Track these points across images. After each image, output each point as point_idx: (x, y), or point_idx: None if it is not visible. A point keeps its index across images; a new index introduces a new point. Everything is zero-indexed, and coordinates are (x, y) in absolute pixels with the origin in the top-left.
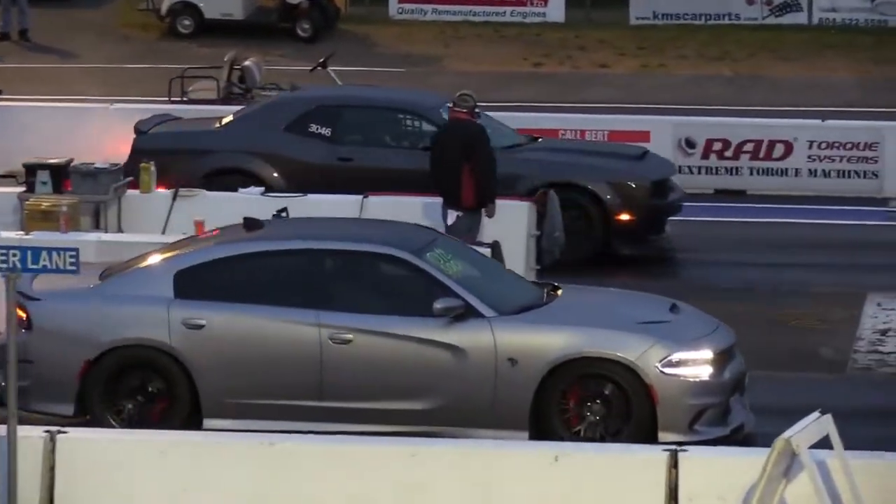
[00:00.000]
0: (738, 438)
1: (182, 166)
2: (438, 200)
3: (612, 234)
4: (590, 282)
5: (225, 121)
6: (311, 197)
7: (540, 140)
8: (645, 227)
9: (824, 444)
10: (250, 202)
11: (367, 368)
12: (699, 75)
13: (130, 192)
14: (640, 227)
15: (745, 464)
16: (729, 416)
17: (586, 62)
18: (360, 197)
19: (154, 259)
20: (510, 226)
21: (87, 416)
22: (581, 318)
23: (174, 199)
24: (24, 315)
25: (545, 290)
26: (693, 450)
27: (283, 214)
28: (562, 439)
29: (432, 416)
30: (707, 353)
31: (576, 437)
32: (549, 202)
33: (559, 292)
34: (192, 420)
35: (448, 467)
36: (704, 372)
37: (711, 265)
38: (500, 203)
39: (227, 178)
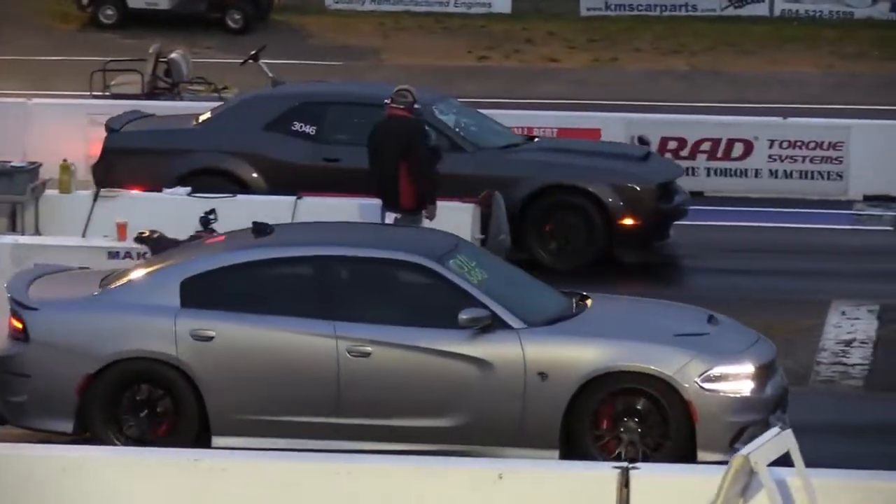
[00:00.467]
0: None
1: (156, 167)
2: (377, 202)
3: (614, 240)
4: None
5: (202, 118)
6: (241, 198)
7: (537, 139)
8: (650, 233)
9: (785, 461)
10: (176, 203)
11: (387, 383)
12: (654, 70)
13: (49, 192)
14: (644, 233)
15: (701, 482)
16: None
17: (534, 56)
18: (294, 198)
19: (158, 266)
20: (453, 228)
21: (87, 433)
22: (614, 329)
23: (95, 199)
24: (20, 325)
25: (574, 300)
26: (645, 467)
27: (212, 217)
28: (594, 459)
29: (457, 433)
30: (748, 367)
31: (609, 457)
32: (494, 203)
33: (588, 302)
34: (200, 438)
35: (382, 486)
36: (746, 387)
37: (666, 270)
38: (443, 204)
39: (204, 179)
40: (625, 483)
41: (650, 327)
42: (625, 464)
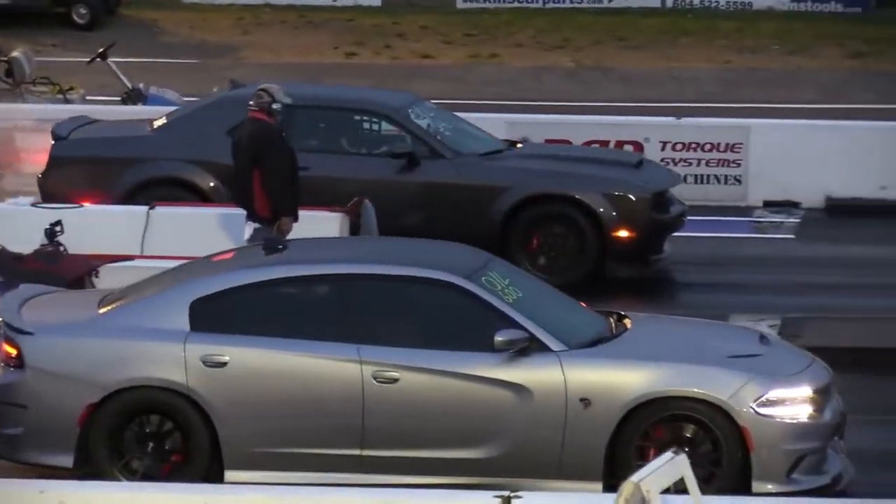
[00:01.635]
0: (837, 490)
1: (109, 176)
2: (241, 211)
3: (608, 254)
4: None
5: (157, 124)
6: (89, 208)
7: (520, 145)
8: (645, 246)
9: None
10: (18, 214)
11: (415, 411)
12: (536, 66)
13: None
14: (640, 246)
15: None
16: (825, 464)
17: (406, 52)
18: (146, 208)
19: (163, 285)
20: None
21: (89, 467)
22: (661, 351)
23: None
24: (14, 352)
25: (612, 320)
26: (529, 496)
27: (58, 228)
28: None
29: (492, 465)
30: (806, 391)
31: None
32: (364, 212)
33: (627, 322)
34: (211, 472)
35: None
36: (804, 412)
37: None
38: (310, 214)
39: (161, 189)
40: None
41: (699, 348)
42: (506, 492)
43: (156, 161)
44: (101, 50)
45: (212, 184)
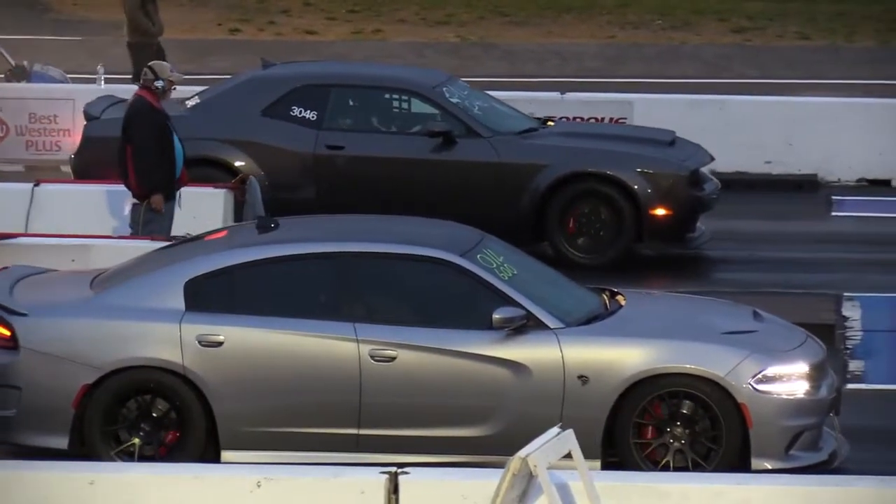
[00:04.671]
0: (833, 466)
1: None
2: (124, 188)
3: (645, 232)
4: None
5: (190, 103)
6: None
7: (552, 123)
8: (683, 224)
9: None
10: None
11: (413, 390)
12: (420, 42)
13: None
14: (677, 224)
15: (477, 488)
16: (821, 440)
17: (290, 28)
18: (31, 185)
19: (157, 264)
20: (205, 216)
21: (84, 449)
22: (658, 328)
23: None
24: (7, 333)
25: (606, 297)
26: (416, 472)
27: None
28: (639, 469)
29: (490, 443)
30: (802, 367)
31: (654, 466)
32: (249, 189)
33: (621, 299)
34: (208, 452)
35: (126, 496)
36: (801, 388)
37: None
38: (193, 191)
39: (193, 170)
40: (394, 489)
41: (695, 325)
42: (393, 468)
43: (190, 140)
44: None
45: (244, 163)
